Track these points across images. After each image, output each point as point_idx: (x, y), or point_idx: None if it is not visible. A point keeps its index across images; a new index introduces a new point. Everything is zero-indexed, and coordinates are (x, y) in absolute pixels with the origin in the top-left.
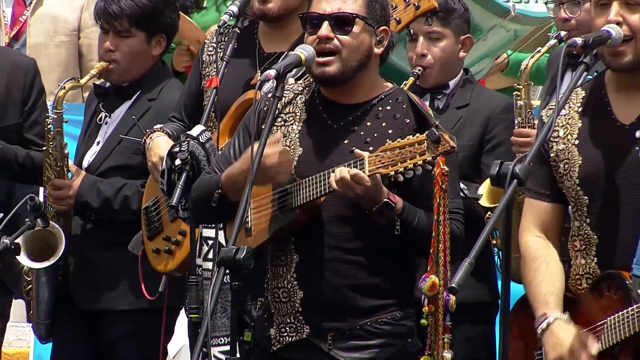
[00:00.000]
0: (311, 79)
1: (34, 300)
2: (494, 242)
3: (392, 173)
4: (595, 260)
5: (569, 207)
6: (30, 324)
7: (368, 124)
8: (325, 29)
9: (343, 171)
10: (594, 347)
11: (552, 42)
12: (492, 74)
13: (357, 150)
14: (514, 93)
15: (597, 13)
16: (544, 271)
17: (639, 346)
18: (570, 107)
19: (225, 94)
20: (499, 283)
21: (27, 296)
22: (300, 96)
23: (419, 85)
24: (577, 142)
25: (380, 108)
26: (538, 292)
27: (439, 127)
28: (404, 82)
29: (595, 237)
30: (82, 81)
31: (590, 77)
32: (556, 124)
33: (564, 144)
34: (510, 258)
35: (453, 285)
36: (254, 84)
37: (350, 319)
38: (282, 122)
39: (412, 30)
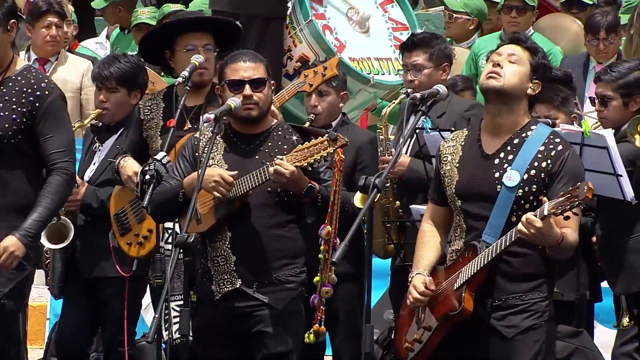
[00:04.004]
0: (217, 125)
1: (50, 270)
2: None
3: (306, 164)
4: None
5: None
6: (48, 286)
7: (269, 144)
8: (247, 89)
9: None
10: (432, 285)
11: (402, 96)
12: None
13: (277, 157)
14: (377, 130)
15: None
16: (424, 245)
17: (483, 278)
18: (456, 141)
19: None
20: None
21: (46, 267)
22: (217, 135)
23: (313, 125)
24: (457, 165)
25: (274, 133)
26: (416, 258)
27: (335, 132)
28: (303, 123)
29: (465, 226)
30: (85, 122)
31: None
32: (445, 152)
33: (450, 165)
34: (372, 241)
35: (334, 260)
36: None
37: (268, 272)
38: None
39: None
